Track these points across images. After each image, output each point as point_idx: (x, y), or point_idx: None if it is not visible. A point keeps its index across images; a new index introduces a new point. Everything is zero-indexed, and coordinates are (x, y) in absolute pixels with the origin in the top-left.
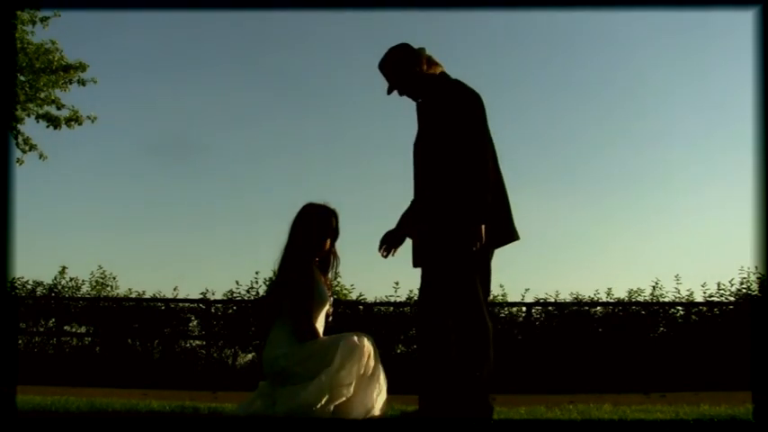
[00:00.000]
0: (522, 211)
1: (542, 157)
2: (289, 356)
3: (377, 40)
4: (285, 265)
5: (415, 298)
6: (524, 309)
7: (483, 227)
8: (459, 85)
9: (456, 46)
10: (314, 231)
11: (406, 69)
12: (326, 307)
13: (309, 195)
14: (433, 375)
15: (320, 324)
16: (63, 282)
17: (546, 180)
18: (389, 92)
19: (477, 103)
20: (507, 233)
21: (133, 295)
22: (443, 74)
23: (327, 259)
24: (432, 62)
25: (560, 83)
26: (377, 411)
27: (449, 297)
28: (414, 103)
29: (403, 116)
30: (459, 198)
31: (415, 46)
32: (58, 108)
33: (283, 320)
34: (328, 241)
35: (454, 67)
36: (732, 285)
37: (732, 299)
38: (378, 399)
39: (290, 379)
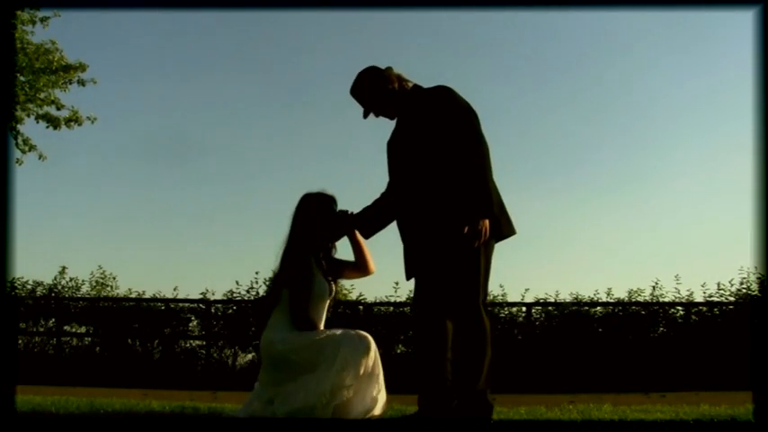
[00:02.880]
0: (521, 211)
1: (541, 157)
2: (286, 342)
3: (376, 39)
4: (286, 256)
5: None
6: (524, 309)
7: (486, 221)
8: (443, 87)
9: (454, 46)
10: (316, 219)
11: (378, 90)
12: (327, 300)
13: None
14: (432, 375)
15: (321, 317)
16: (63, 282)
17: (545, 179)
18: (365, 115)
19: (467, 103)
20: (507, 227)
21: (133, 295)
22: (416, 86)
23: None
24: (402, 79)
25: (559, 82)
26: (377, 411)
27: (449, 296)
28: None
29: None
30: (460, 194)
31: (411, 49)
32: (58, 108)
33: (282, 307)
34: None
35: (452, 67)
36: (732, 285)
37: (732, 299)
38: (378, 398)
39: (285, 366)
